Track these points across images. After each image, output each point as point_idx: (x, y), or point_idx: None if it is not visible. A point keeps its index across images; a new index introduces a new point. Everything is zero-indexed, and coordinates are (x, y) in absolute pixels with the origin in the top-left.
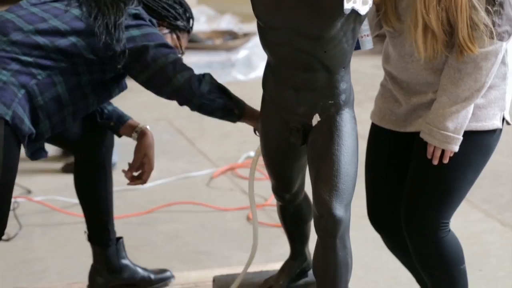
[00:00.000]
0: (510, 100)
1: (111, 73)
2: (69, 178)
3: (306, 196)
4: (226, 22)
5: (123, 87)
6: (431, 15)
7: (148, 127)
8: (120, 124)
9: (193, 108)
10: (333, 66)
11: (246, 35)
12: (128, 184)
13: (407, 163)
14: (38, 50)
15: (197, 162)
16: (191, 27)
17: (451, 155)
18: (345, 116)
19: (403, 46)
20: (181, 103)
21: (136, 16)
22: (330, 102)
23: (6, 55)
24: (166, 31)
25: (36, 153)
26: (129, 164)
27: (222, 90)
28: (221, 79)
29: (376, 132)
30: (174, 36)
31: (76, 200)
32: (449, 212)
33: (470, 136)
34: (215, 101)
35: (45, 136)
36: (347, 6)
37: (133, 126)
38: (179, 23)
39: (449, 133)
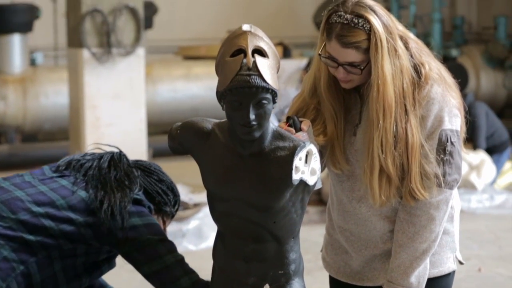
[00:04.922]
0: (458, 240)
1: (105, 254)
2: None
3: None
4: None
5: (112, 265)
6: (389, 159)
7: None
8: None
9: None
10: (282, 236)
11: (197, 205)
12: None
13: None
14: (43, 231)
15: None
16: (176, 212)
17: None
18: (295, 286)
19: (353, 190)
20: None
21: (138, 202)
22: (280, 272)
23: (12, 234)
24: (155, 215)
25: None
26: None
27: None
28: None
29: (335, 284)
30: (161, 219)
31: None
32: None
33: (429, 283)
34: None
35: None
36: (296, 177)
37: None
38: (167, 209)
39: None
